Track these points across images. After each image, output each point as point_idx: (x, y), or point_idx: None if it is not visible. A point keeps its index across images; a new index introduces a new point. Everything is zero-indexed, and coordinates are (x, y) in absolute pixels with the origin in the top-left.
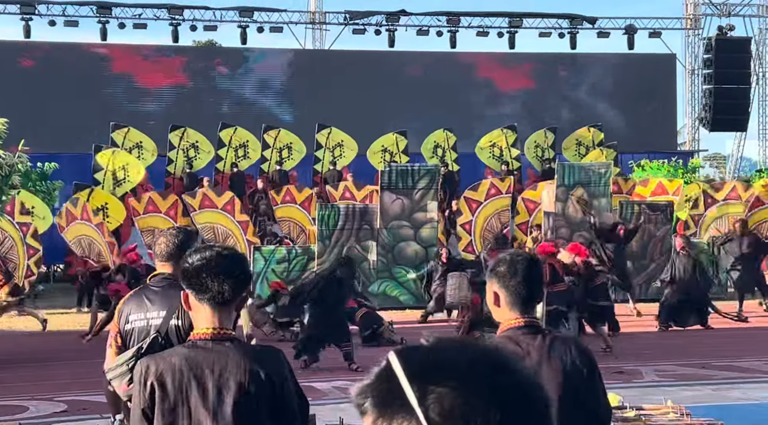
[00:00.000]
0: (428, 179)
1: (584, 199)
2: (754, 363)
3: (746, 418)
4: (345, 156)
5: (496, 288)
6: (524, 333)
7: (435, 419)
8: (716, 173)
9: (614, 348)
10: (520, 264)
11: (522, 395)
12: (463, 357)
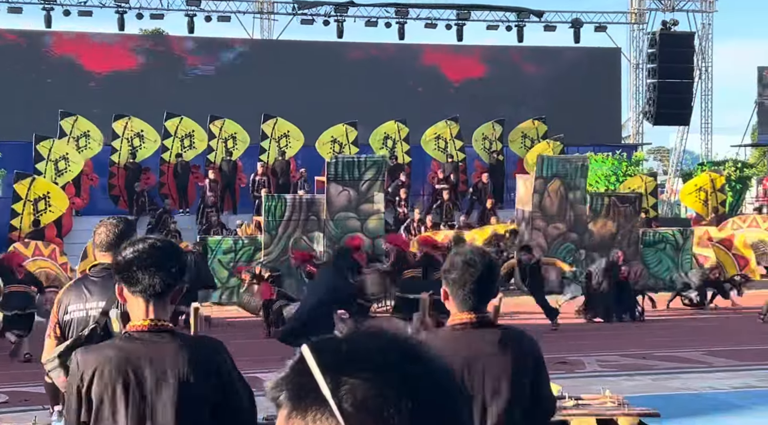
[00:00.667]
0: (375, 170)
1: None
2: (693, 354)
3: (685, 407)
4: (291, 146)
5: (447, 290)
6: (475, 327)
7: (348, 410)
8: (660, 166)
9: (540, 337)
10: (471, 276)
11: (434, 384)
12: (376, 347)
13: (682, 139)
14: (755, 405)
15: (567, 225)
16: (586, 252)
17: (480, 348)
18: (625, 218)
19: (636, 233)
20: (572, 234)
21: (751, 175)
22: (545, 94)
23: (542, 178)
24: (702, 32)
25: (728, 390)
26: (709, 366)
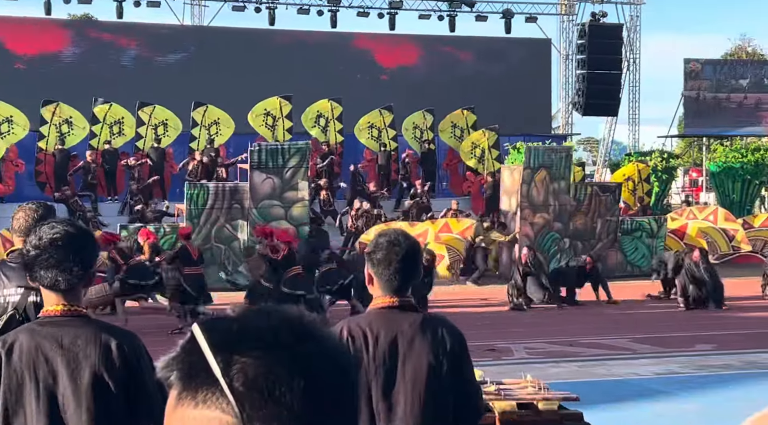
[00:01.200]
0: (299, 158)
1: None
2: (618, 341)
3: (609, 393)
4: (222, 134)
5: (371, 272)
6: (398, 312)
7: (239, 389)
8: (589, 156)
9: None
10: (396, 255)
11: (326, 362)
12: (268, 326)
13: (610, 130)
14: (677, 391)
15: (552, 215)
16: (570, 241)
17: (401, 331)
18: (605, 207)
19: (615, 222)
20: (557, 224)
21: (677, 165)
22: (476, 83)
23: (530, 168)
24: (630, 24)
25: (651, 376)
26: (633, 353)
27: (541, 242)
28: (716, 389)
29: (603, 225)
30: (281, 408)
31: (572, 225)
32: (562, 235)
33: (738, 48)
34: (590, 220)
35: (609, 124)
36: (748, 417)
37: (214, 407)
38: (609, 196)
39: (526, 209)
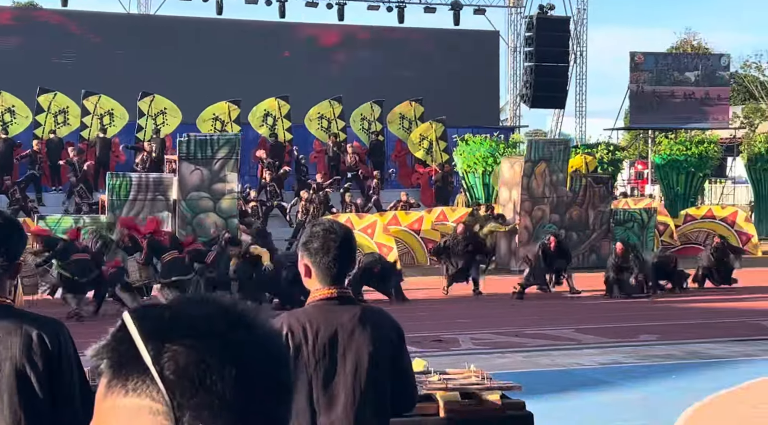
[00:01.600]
0: (228, 149)
1: None
2: (563, 332)
3: (554, 383)
4: (168, 124)
5: (307, 262)
6: (336, 303)
7: (170, 377)
8: None
9: None
10: (333, 241)
11: (259, 351)
12: (200, 314)
13: (557, 122)
14: (620, 381)
15: (550, 206)
16: (566, 232)
17: (341, 324)
18: (599, 198)
19: (608, 212)
20: (554, 215)
21: (622, 157)
22: (425, 75)
23: (531, 161)
24: (577, 17)
25: (595, 366)
26: (578, 344)
27: (539, 233)
28: (659, 378)
29: (596, 216)
30: (212, 396)
31: (568, 216)
32: (558, 226)
33: (683, 42)
34: (585, 211)
35: (556, 116)
36: (689, 407)
37: (144, 395)
38: (602, 187)
39: (526, 201)
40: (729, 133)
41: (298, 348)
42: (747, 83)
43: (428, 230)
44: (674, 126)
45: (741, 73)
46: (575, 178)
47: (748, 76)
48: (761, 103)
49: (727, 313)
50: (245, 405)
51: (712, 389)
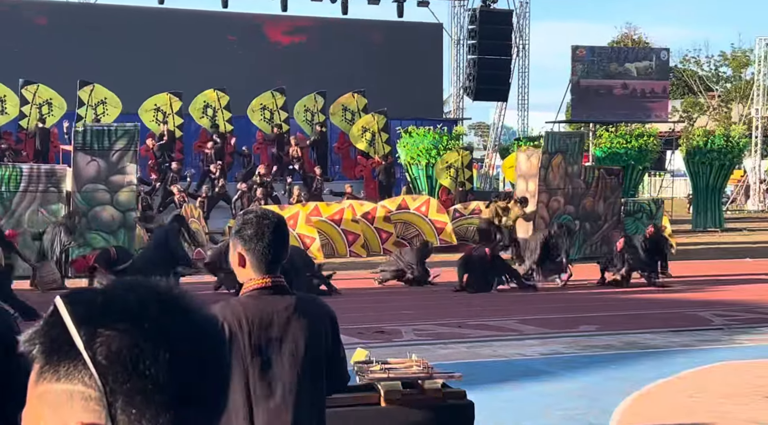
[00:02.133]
0: (127, 140)
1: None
2: (506, 323)
3: (495, 373)
4: (108, 114)
5: (241, 250)
6: (271, 293)
7: (102, 363)
8: (480, 141)
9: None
10: (267, 227)
11: (194, 335)
12: (133, 299)
13: (500, 115)
14: (561, 371)
15: (565, 197)
16: (581, 222)
17: (277, 313)
18: (610, 190)
19: (619, 204)
20: (570, 207)
21: None
22: (369, 67)
23: (548, 153)
24: (520, 11)
25: (536, 356)
26: (519, 334)
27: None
28: (599, 368)
29: (608, 207)
30: (146, 381)
31: (582, 207)
32: (573, 217)
33: (624, 36)
34: (597, 202)
35: (499, 109)
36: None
37: (76, 381)
38: (614, 178)
39: (543, 192)
40: (668, 127)
41: (233, 339)
42: (686, 77)
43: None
44: (614, 119)
45: (680, 67)
46: (589, 170)
47: (687, 71)
48: (700, 97)
49: (664, 304)
50: (179, 390)
51: (650, 379)
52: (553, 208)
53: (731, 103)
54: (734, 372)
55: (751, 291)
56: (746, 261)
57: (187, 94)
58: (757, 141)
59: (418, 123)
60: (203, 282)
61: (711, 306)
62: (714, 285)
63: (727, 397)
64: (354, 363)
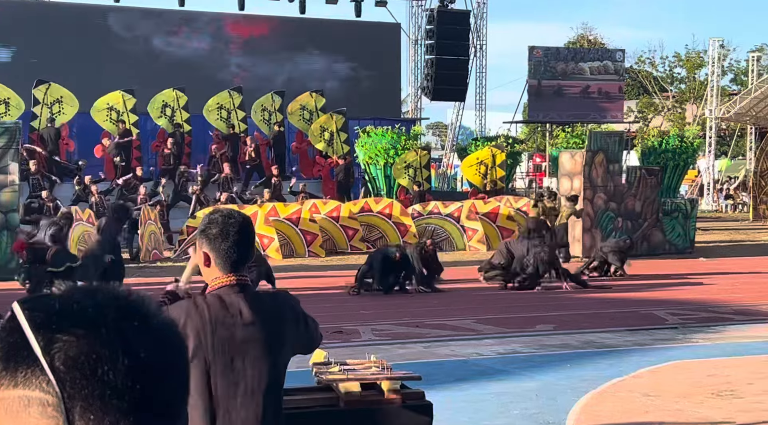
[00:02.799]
0: (7, 138)
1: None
2: (464, 322)
3: (452, 373)
4: (65, 113)
5: (207, 250)
6: (236, 291)
7: (60, 368)
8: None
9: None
10: (233, 227)
11: (152, 339)
12: (92, 304)
13: (458, 115)
14: (518, 370)
15: (608, 195)
16: (623, 219)
17: (241, 311)
18: (650, 189)
19: (658, 203)
20: (612, 204)
21: (521, 150)
22: (326, 67)
23: (591, 152)
24: (477, 11)
25: (494, 356)
26: (477, 334)
27: (600, 220)
28: (555, 367)
29: (647, 205)
30: (104, 386)
31: (624, 206)
32: (616, 214)
33: (580, 37)
34: (638, 201)
35: (457, 109)
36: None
37: (34, 386)
38: (653, 178)
39: (587, 189)
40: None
41: (197, 337)
42: (641, 78)
43: (346, 218)
44: (571, 120)
45: (635, 68)
46: (631, 170)
47: (642, 72)
48: (654, 97)
49: (620, 303)
50: (139, 395)
51: (606, 377)
52: (597, 205)
53: (685, 103)
54: (688, 370)
55: (705, 290)
56: (700, 261)
57: (145, 93)
58: (711, 141)
59: (377, 123)
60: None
61: (666, 305)
62: (669, 284)
63: (682, 396)
64: (312, 365)
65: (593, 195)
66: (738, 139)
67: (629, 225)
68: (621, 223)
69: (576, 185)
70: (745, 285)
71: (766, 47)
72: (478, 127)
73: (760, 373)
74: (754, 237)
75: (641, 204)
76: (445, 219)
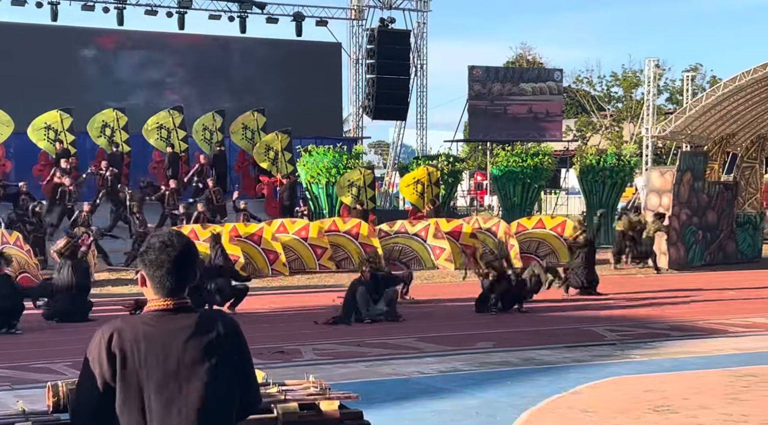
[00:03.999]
0: None
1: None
2: (405, 341)
3: (393, 392)
4: (1, 133)
5: (143, 273)
6: (172, 314)
7: None
8: (380, 160)
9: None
10: (168, 255)
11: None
12: None
13: (399, 134)
14: (459, 387)
15: (692, 210)
16: (702, 232)
17: (176, 333)
18: (726, 203)
19: (733, 215)
20: (695, 218)
21: (462, 169)
22: (268, 86)
23: (680, 171)
24: (417, 31)
25: (435, 374)
26: (419, 352)
27: (684, 234)
28: (496, 385)
29: (723, 218)
30: None
31: (704, 219)
32: (696, 227)
33: (519, 56)
34: (716, 214)
35: (398, 128)
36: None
37: None
38: (729, 192)
39: (675, 206)
40: (562, 146)
41: (128, 357)
42: (579, 97)
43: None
44: (510, 138)
45: (573, 87)
46: (711, 185)
47: (580, 91)
48: (592, 116)
49: (560, 320)
50: None
51: (546, 394)
52: (682, 220)
53: (623, 122)
54: (626, 386)
55: (642, 307)
56: (637, 277)
57: (83, 112)
58: (648, 159)
59: (318, 142)
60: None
61: (604, 322)
62: (607, 301)
63: (620, 412)
64: None
65: (680, 211)
66: (674, 157)
67: (709, 236)
68: (701, 236)
69: (665, 202)
70: (679, 301)
71: (700, 67)
72: (419, 145)
73: (696, 389)
74: None
75: (718, 217)
76: (412, 238)
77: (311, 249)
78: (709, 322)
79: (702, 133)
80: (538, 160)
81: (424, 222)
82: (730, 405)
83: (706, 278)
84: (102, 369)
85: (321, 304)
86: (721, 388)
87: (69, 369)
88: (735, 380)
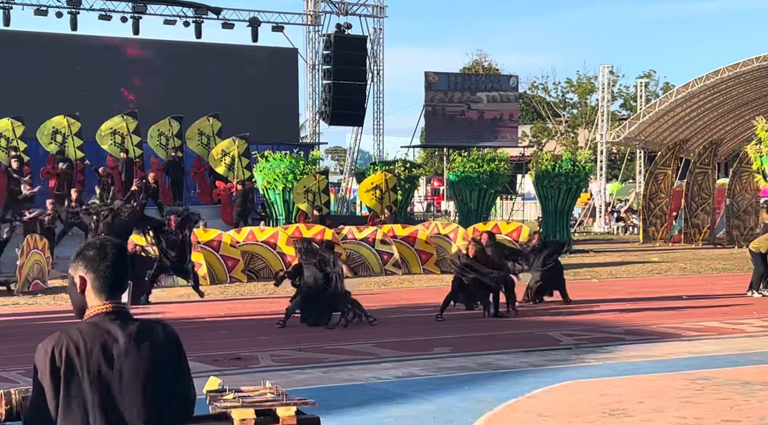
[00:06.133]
0: None
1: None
2: (362, 346)
3: (351, 398)
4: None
5: (83, 273)
6: (111, 319)
7: None
8: (336, 166)
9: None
10: (110, 248)
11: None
12: None
13: (356, 140)
14: (416, 393)
15: None
16: None
17: (116, 340)
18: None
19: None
20: None
21: (419, 174)
22: (224, 91)
23: None
24: (374, 36)
25: (392, 379)
26: (376, 358)
27: None
28: (453, 389)
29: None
30: None
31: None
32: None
33: (475, 63)
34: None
35: (355, 133)
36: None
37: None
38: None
39: None
40: (518, 151)
41: (71, 368)
42: (534, 103)
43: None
44: (467, 144)
45: (529, 93)
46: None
47: (536, 97)
48: (548, 122)
49: (516, 325)
50: None
51: (502, 399)
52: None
53: (578, 128)
54: (581, 390)
55: (597, 312)
56: (592, 282)
57: (37, 117)
58: (602, 165)
59: (275, 147)
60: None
61: (560, 327)
62: (562, 306)
63: (576, 415)
64: (206, 393)
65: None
66: (628, 163)
67: None
68: None
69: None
70: (635, 306)
71: (654, 73)
72: (376, 151)
73: (650, 392)
74: (644, 258)
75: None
76: (360, 243)
77: (280, 257)
78: (662, 326)
79: (655, 139)
80: (494, 165)
81: (372, 228)
82: (684, 408)
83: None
84: (47, 382)
85: (278, 311)
86: (676, 391)
87: (22, 378)
88: (689, 383)
